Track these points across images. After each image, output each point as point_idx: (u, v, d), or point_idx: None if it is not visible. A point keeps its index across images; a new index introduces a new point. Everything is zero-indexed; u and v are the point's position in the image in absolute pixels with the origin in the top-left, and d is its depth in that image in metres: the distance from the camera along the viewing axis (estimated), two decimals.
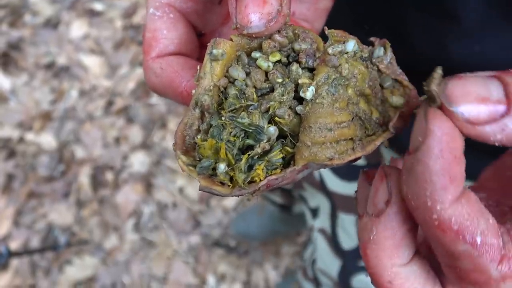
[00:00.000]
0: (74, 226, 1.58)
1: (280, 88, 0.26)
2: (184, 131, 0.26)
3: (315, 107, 0.25)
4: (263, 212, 1.44)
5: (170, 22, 0.31)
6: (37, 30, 1.93)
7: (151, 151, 1.68)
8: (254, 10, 0.25)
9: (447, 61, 0.39)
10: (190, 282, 1.48)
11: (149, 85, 0.31)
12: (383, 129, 0.26)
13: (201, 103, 0.26)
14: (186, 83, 0.29)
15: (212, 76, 0.26)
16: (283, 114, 0.25)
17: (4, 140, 1.72)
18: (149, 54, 0.31)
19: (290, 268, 1.49)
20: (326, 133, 0.25)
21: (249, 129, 0.25)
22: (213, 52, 0.26)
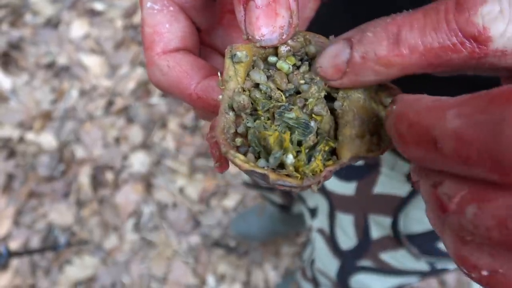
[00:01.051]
0: (74, 226, 1.58)
1: (314, 86, 0.26)
2: (222, 135, 0.26)
3: (353, 103, 0.26)
4: (263, 213, 1.44)
5: (170, 15, 0.30)
6: (37, 30, 1.93)
7: (151, 151, 1.68)
8: (266, 22, 0.24)
9: None
10: (189, 282, 1.48)
11: (153, 82, 0.30)
12: None
13: (238, 103, 0.26)
14: (196, 85, 0.28)
15: (237, 79, 0.26)
16: (320, 110, 0.26)
17: (4, 140, 1.72)
18: (153, 50, 0.29)
19: (289, 268, 1.49)
20: (364, 126, 0.26)
21: (297, 124, 0.25)
22: (237, 54, 0.26)
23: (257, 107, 0.26)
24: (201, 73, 0.29)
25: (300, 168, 0.25)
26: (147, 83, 1.79)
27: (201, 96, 0.28)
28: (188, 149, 1.67)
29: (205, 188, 1.61)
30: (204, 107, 0.28)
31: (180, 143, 1.68)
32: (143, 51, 0.30)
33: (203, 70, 0.29)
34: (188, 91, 0.28)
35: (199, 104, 0.28)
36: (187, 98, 0.29)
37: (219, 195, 1.60)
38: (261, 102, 0.26)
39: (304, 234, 1.53)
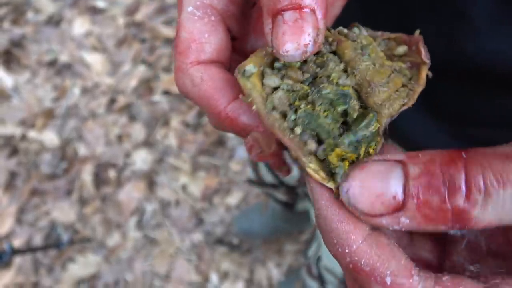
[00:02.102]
0: (77, 224, 1.58)
1: (330, 63, 0.27)
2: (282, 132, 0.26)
3: (363, 73, 0.26)
4: (266, 210, 1.44)
5: (211, 25, 0.29)
6: (39, 28, 1.93)
7: (153, 148, 1.68)
8: (291, 39, 0.24)
9: (460, 60, 0.39)
10: (192, 280, 1.48)
11: (181, 90, 0.30)
12: (417, 68, 0.27)
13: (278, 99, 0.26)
14: (226, 105, 0.28)
15: (258, 89, 0.26)
16: (346, 81, 0.26)
17: (7, 138, 1.72)
18: (188, 57, 0.29)
19: (292, 266, 1.49)
20: (386, 87, 0.26)
21: (336, 96, 0.26)
22: (246, 69, 0.26)
23: (290, 102, 0.26)
24: (232, 92, 0.28)
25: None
26: (149, 80, 1.79)
27: (230, 116, 0.28)
28: (191, 147, 1.67)
29: (207, 185, 1.61)
30: (231, 127, 0.28)
31: (183, 140, 1.68)
32: (174, 54, 0.29)
33: (235, 89, 0.28)
34: (217, 109, 0.28)
35: (227, 123, 0.28)
36: (216, 115, 0.28)
37: (221, 193, 1.60)
38: (289, 96, 0.26)
39: (308, 231, 1.53)
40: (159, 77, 1.79)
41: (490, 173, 0.20)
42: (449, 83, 0.42)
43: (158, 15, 1.91)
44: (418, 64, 0.27)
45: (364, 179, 0.22)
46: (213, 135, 1.67)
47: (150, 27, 1.89)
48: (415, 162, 0.21)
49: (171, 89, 1.76)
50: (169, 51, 1.84)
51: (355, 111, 0.26)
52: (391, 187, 0.21)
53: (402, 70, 0.27)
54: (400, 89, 0.26)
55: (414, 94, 0.26)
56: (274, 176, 0.96)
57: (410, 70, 0.27)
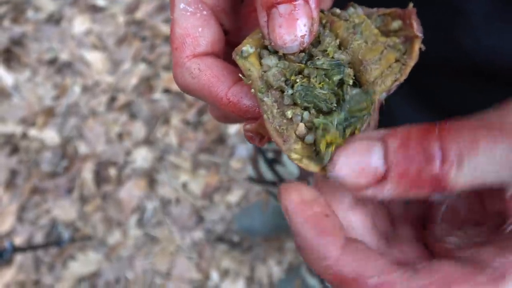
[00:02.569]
0: (78, 222, 1.58)
1: (326, 38, 0.27)
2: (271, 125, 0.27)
3: (356, 52, 0.27)
4: (267, 208, 1.44)
5: (203, 19, 0.30)
6: (39, 26, 1.93)
7: (154, 147, 1.68)
8: (288, 31, 0.25)
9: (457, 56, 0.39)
10: (193, 278, 1.48)
11: (181, 84, 0.30)
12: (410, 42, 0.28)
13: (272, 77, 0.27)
14: (227, 90, 0.29)
15: (256, 68, 0.27)
16: (341, 55, 0.27)
17: (7, 136, 1.72)
18: (184, 52, 0.29)
19: (293, 263, 1.49)
20: (377, 64, 0.27)
21: (330, 66, 0.27)
22: (243, 50, 0.27)
23: (287, 77, 0.27)
24: (231, 78, 0.29)
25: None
26: (149, 78, 1.79)
27: (232, 100, 0.29)
28: (191, 145, 1.67)
29: (208, 183, 1.61)
30: (234, 111, 0.29)
31: (183, 138, 1.68)
32: (171, 51, 0.30)
33: (233, 75, 0.29)
34: (219, 95, 0.29)
35: (229, 108, 0.29)
36: (218, 102, 0.29)
37: (222, 191, 1.60)
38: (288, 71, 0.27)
39: None
40: (159, 75, 1.79)
41: (462, 141, 0.21)
42: (445, 79, 0.42)
43: (158, 13, 1.91)
44: (412, 38, 0.27)
45: (348, 156, 0.23)
46: (213, 133, 1.68)
47: (150, 25, 1.89)
48: (394, 137, 0.23)
49: (171, 87, 1.76)
50: (169, 49, 1.84)
51: (350, 78, 0.26)
52: (373, 161, 0.23)
53: (396, 45, 0.27)
54: (393, 64, 0.27)
55: (406, 68, 0.27)
56: (274, 174, 0.96)
57: (403, 44, 0.27)
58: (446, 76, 0.42)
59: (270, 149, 0.89)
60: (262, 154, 0.92)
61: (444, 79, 0.42)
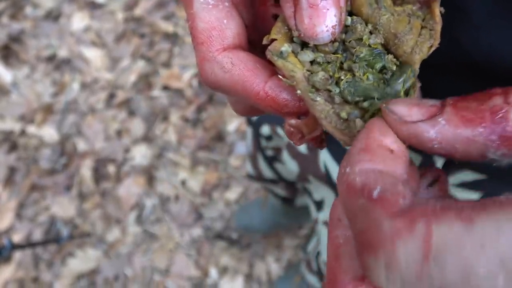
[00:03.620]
0: (77, 219, 1.58)
1: (358, 25, 0.27)
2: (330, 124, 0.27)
3: (386, 26, 0.27)
4: (266, 205, 1.44)
5: (226, 11, 0.29)
6: (38, 23, 1.92)
7: (153, 144, 1.68)
8: (319, 22, 0.25)
9: (457, 54, 0.39)
10: (192, 275, 1.48)
11: (211, 80, 0.29)
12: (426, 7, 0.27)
13: (319, 82, 0.26)
14: (264, 84, 0.28)
15: (299, 67, 0.27)
16: (376, 40, 0.27)
17: (6, 133, 1.72)
18: (212, 45, 0.28)
19: (292, 261, 1.50)
20: (411, 34, 0.26)
21: (372, 56, 0.26)
22: (282, 50, 0.27)
23: (330, 74, 0.27)
24: (266, 71, 0.28)
25: None
26: (148, 75, 1.79)
27: (270, 94, 0.28)
28: (190, 142, 1.67)
29: (207, 180, 1.61)
30: (272, 105, 0.28)
31: (182, 136, 1.68)
32: (195, 47, 0.29)
33: (267, 69, 0.28)
34: (255, 89, 0.28)
35: (267, 102, 0.28)
36: (254, 97, 0.28)
37: (221, 188, 1.60)
38: (329, 68, 0.27)
39: (307, 226, 1.53)
40: (158, 72, 1.79)
41: None
42: (444, 77, 0.42)
43: (157, 10, 1.90)
44: (427, 2, 0.27)
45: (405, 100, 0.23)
46: (212, 130, 1.68)
47: (149, 22, 1.88)
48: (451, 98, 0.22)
49: (170, 84, 1.76)
50: (169, 46, 1.84)
51: (393, 64, 0.26)
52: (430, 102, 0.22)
53: (414, 13, 0.27)
54: (422, 31, 0.27)
55: (436, 33, 0.26)
56: (273, 172, 0.96)
57: (420, 10, 0.27)
58: (445, 75, 0.42)
59: (270, 147, 0.89)
60: (261, 152, 0.92)
61: (443, 77, 0.42)
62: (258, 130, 0.87)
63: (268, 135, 0.85)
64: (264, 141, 0.88)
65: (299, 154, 0.75)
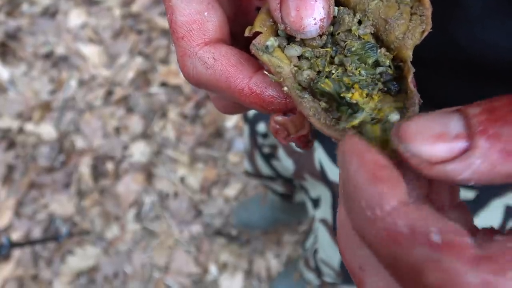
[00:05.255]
0: (75, 217, 1.58)
1: (345, 16, 0.26)
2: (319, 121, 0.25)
3: (375, 12, 0.26)
4: (265, 201, 1.44)
5: (207, 3, 0.27)
6: (35, 20, 1.91)
7: (151, 140, 1.67)
8: (307, 14, 0.23)
9: (453, 50, 0.38)
10: (191, 271, 1.48)
11: (192, 77, 0.27)
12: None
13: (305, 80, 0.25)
14: (248, 80, 0.26)
15: (285, 63, 0.25)
16: (366, 30, 0.26)
17: (4, 131, 1.71)
18: (192, 40, 0.27)
19: (291, 256, 1.49)
20: (401, 19, 0.25)
21: (363, 50, 0.25)
22: (268, 44, 0.25)
23: (319, 69, 0.26)
24: (250, 67, 0.27)
25: None
26: (146, 72, 1.78)
27: (255, 91, 0.26)
28: (189, 139, 1.66)
29: (206, 177, 1.61)
30: (257, 102, 0.26)
31: (181, 132, 1.68)
32: (174, 41, 0.27)
33: (251, 64, 0.27)
34: (239, 86, 0.26)
35: (251, 99, 0.26)
36: (237, 94, 0.26)
37: (220, 184, 1.60)
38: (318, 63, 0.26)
39: (306, 222, 1.53)
40: (156, 69, 1.78)
41: None
42: (439, 73, 0.41)
43: (154, 6, 1.89)
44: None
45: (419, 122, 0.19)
46: (211, 126, 1.67)
47: (147, 18, 1.87)
48: (473, 106, 0.18)
49: (168, 81, 1.75)
50: (166, 43, 1.83)
51: (386, 58, 0.25)
52: (452, 126, 0.18)
53: (402, 1, 0.26)
54: (412, 17, 0.26)
55: (427, 18, 0.25)
56: (271, 169, 0.96)
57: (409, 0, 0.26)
58: (440, 71, 0.41)
59: (267, 144, 0.88)
60: (258, 149, 0.92)
61: (438, 74, 0.42)
62: (254, 128, 0.87)
63: (264, 133, 0.84)
64: (261, 138, 0.87)
65: (294, 152, 0.75)
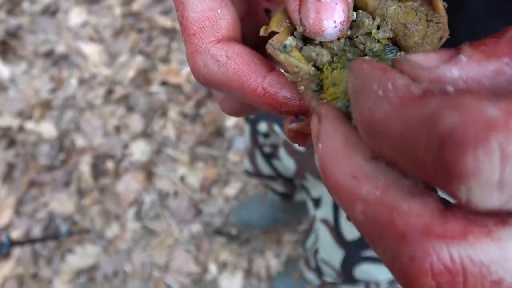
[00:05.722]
0: (75, 215, 1.58)
1: (365, 19, 0.26)
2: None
3: (394, 17, 0.26)
4: (265, 201, 1.44)
5: (220, 0, 0.27)
6: (35, 18, 1.91)
7: (151, 139, 1.67)
8: (327, 16, 0.23)
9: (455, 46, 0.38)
10: (191, 270, 1.48)
11: (203, 75, 0.26)
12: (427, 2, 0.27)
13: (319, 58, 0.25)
14: (262, 80, 0.25)
15: (303, 64, 0.25)
16: (385, 33, 0.26)
17: (4, 129, 1.71)
18: (205, 37, 0.26)
19: (291, 256, 1.49)
20: (420, 25, 0.25)
21: (383, 52, 0.25)
22: (286, 44, 0.25)
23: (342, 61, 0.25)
24: (263, 66, 0.26)
25: None
26: (146, 71, 1.78)
27: (269, 91, 0.25)
28: (189, 138, 1.66)
29: (206, 176, 1.61)
30: (270, 103, 0.26)
31: (181, 131, 1.68)
32: (185, 39, 0.27)
33: (265, 63, 0.26)
34: (252, 86, 0.25)
35: (266, 100, 0.26)
36: (250, 94, 0.26)
37: (220, 184, 1.60)
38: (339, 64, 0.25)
39: (306, 221, 1.53)
40: (156, 68, 1.78)
41: None
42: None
43: (155, 5, 1.89)
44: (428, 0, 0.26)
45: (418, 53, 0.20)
46: (211, 126, 1.67)
47: (147, 17, 1.87)
48: None
49: (169, 80, 1.75)
50: (167, 42, 1.83)
51: None
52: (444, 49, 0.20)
53: (417, 9, 0.26)
54: (429, 24, 0.26)
55: (444, 25, 0.26)
56: (271, 168, 0.96)
57: (422, 7, 0.26)
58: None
59: (267, 144, 0.88)
60: (259, 148, 0.92)
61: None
62: (255, 127, 0.87)
63: (265, 132, 0.84)
64: (262, 138, 0.87)
65: (296, 152, 0.75)
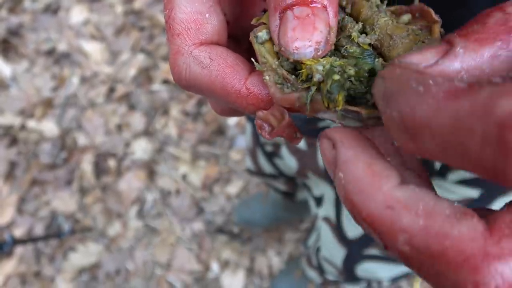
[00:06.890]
0: (78, 214, 1.58)
1: (348, 23, 0.26)
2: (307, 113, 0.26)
3: (383, 28, 0.26)
4: (267, 199, 1.44)
5: (209, 5, 0.27)
6: (36, 16, 1.91)
7: (153, 138, 1.67)
8: (302, 36, 0.23)
9: None
10: (193, 269, 1.49)
11: (184, 76, 0.26)
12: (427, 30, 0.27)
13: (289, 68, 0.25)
14: (245, 81, 0.26)
15: (270, 57, 0.25)
16: (365, 39, 0.26)
17: (6, 128, 1.71)
18: (188, 38, 0.26)
19: (293, 254, 1.49)
20: (407, 39, 0.25)
21: (361, 55, 0.25)
22: (259, 35, 0.25)
23: None
24: (246, 68, 0.26)
25: None
26: (148, 69, 1.78)
27: (253, 91, 0.26)
28: (191, 136, 1.66)
29: (208, 174, 1.60)
30: (254, 103, 0.26)
31: (182, 129, 1.68)
32: (168, 38, 0.27)
33: (247, 65, 0.26)
34: (236, 87, 0.26)
35: (250, 100, 0.26)
36: (233, 95, 0.26)
37: (222, 182, 1.60)
38: None
39: (308, 220, 1.53)
40: (158, 66, 1.78)
41: None
42: None
43: (156, 3, 1.89)
44: (427, 27, 0.26)
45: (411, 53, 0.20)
46: (213, 124, 1.67)
47: (149, 15, 1.87)
48: None
49: (170, 78, 1.75)
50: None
51: (382, 68, 0.25)
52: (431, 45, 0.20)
53: (415, 31, 0.26)
54: (419, 43, 0.26)
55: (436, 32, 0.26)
56: (273, 167, 0.95)
57: (422, 31, 0.26)
58: None
59: (269, 143, 0.88)
60: (260, 147, 0.92)
61: None
62: None
63: None
64: None
65: (298, 150, 0.74)
